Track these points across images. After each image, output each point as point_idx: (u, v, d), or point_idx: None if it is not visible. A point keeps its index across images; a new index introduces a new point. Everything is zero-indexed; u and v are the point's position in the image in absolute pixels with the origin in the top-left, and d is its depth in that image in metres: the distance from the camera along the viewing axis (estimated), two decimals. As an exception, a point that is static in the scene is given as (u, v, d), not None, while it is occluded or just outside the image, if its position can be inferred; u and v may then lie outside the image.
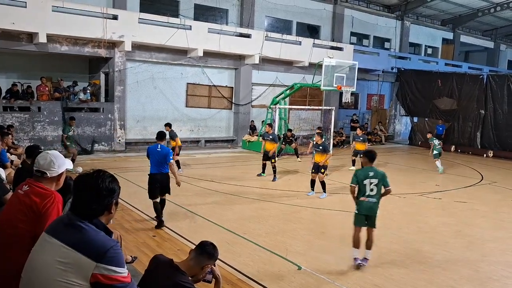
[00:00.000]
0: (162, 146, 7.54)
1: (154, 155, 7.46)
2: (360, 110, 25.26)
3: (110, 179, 2.23)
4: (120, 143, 16.44)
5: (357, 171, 6.30)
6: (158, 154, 7.41)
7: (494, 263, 6.52)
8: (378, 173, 6.07)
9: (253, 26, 19.75)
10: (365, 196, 6.05)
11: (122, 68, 16.15)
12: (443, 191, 11.67)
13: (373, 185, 6.03)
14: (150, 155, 7.53)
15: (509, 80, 19.72)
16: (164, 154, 7.40)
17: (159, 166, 7.41)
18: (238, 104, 19.47)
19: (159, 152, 7.43)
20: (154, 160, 7.44)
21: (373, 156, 6.21)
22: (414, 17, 27.82)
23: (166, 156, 7.36)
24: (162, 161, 7.38)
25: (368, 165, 6.15)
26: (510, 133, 19.47)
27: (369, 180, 6.00)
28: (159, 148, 7.48)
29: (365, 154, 6.32)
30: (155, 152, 7.46)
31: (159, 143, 7.56)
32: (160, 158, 7.38)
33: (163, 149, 7.47)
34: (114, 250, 2.04)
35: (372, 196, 6.04)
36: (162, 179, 7.46)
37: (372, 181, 6.00)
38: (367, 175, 6.03)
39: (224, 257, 5.81)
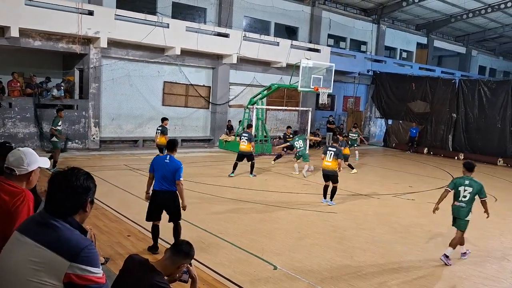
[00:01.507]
0: (172, 158, 6.15)
1: (160, 168, 6.13)
2: (336, 111, 25.53)
3: (85, 177, 2.18)
4: (95, 141, 16.14)
5: (455, 178, 6.93)
6: (166, 168, 6.07)
7: (465, 262, 6.69)
8: (475, 184, 6.67)
9: (232, 26, 19.70)
10: (457, 201, 6.74)
11: (97, 65, 15.85)
12: (416, 192, 11.91)
13: (467, 193, 6.65)
14: (155, 168, 6.20)
15: (480, 85, 20.29)
16: (174, 168, 6.02)
17: (165, 183, 6.09)
18: (216, 103, 19.39)
19: (167, 164, 6.09)
20: (159, 174, 6.11)
21: (471, 166, 6.85)
22: (390, 21, 28.31)
23: (176, 171, 6.00)
24: (169, 177, 6.05)
25: (466, 174, 6.79)
26: (480, 136, 20.04)
27: (464, 188, 6.66)
28: (167, 160, 6.13)
29: (464, 164, 6.97)
30: (162, 164, 6.13)
31: (169, 154, 6.21)
32: (167, 173, 6.04)
33: (172, 162, 6.08)
34: (89, 250, 1.99)
35: (463, 202, 6.66)
36: (168, 198, 6.13)
37: (467, 189, 6.64)
38: (463, 183, 6.69)
39: (200, 257, 5.77)
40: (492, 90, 19.82)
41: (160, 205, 6.20)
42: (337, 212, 9.18)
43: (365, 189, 11.89)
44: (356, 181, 13.05)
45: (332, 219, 8.69)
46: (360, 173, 14.48)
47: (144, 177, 11.56)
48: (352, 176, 13.90)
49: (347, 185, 12.26)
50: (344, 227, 8.14)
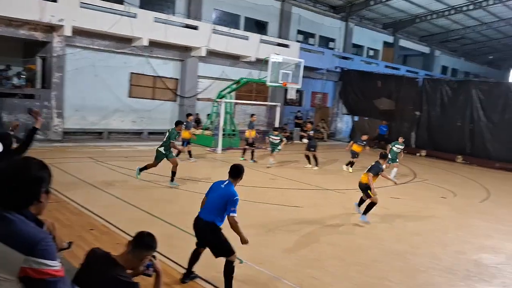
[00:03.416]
0: (229, 185, 5.09)
1: (213, 192, 5.17)
2: (304, 107, 25.78)
3: (37, 167, 2.09)
4: (57, 133, 15.66)
5: None
6: (218, 192, 5.07)
7: (421, 255, 6.93)
8: None
9: (201, 18, 19.50)
10: None
11: (60, 53, 15.35)
12: (379, 188, 12.15)
13: None
14: (210, 192, 5.25)
15: (442, 84, 20.98)
16: (226, 196, 4.95)
17: (210, 211, 5.03)
18: (183, 96, 19.19)
19: (220, 190, 5.08)
20: (210, 198, 5.15)
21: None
22: (358, 19, 28.75)
23: (227, 201, 4.90)
24: (216, 204, 5.00)
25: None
26: (441, 134, 20.72)
27: None
28: (223, 185, 5.13)
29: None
30: (216, 188, 5.17)
31: (230, 181, 5.17)
32: (216, 199, 5.03)
33: (227, 189, 5.05)
34: (46, 243, 1.92)
35: None
36: (207, 231, 5.03)
37: None
38: None
39: (165, 251, 5.72)
40: (454, 89, 20.52)
41: (201, 236, 5.18)
42: (303, 207, 9.30)
43: (331, 184, 12.08)
44: (322, 176, 13.25)
45: (298, 213, 8.79)
46: (327, 168, 14.71)
47: (109, 170, 11.39)
48: (318, 171, 14.10)
49: (313, 180, 12.44)
50: (310, 221, 8.26)
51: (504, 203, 11.73)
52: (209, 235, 5.04)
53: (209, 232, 5.02)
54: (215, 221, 4.97)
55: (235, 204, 4.90)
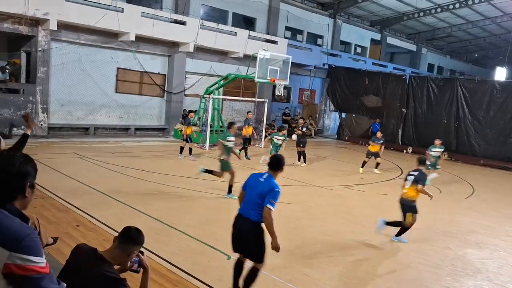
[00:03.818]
0: (269, 178, 4.63)
1: (252, 186, 4.68)
2: (292, 104, 25.82)
3: (22, 160, 2.04)
4: (42, 128, 15.43)
5: None
6: (257, 187, 4.59)
7: (409, 251, 6.99)
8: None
9: (189, 14, 19.35)
10: None
11: (46, 48, 15.11)
12: (366, 184, 12.28)
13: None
14: (247, 184, 4.80)
15: (429, 82, 21.19)
16: (266, 189, 4.49)
17: (248, 206, 4.60)
18: (171, 92, 19.06)
19: (260, 183, 4.61)
20: (248, 194, 4.67)
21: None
22: (346, 16, 28.85)
23: (268, 193, 4.45)
24: (255, 200, 4.53)
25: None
26: (428, 131, 20.91)
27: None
28: (262, 178, 4.66)
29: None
30: (255, 182, 4.69)
31: (269, 173, 4.73)
32: (255, 194, 4.54)
33: (267, 182, 4.57)
34: (31, 238, 1.88)
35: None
36: (247, 230, 4.60)
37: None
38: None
39: (152, 247, 5.67)
40: (440, 87, 20.75)
41: (239, 235, 4.68)
42: (291, 203, 9.30)
43: (319, 180, 12.12)
44: (310, 173, 13.29)
45: (287, 209, 8.79)
46: (314, 165, 14.76)
47: (96, 166, 11.26)
48: (306, 167, 14.14)
49: (301, 176, 12.47)
50: (298, 218, 8.27)
51: (488, 199, 11.90)
52: (249, 234, 4.57)
53: (249, 231, 4.57)
54: (256, 219, 4.52)
55: (275, 196, 4.44)
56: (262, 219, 4.45)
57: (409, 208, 7.30)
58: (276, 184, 4.55)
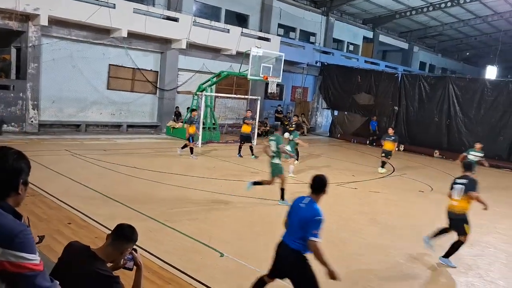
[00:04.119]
0: (311, 204, 4.18)
1: (293, 212, 4.30)
2: (285, 101, 25.82)
3: (15, 157, 2.01)
4: (33, 125, 15.28)
5: None
6: (298, 213, 4.20)
7: (402, 248, 7.02)
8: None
9: (181, 10, 19.24)
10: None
11: (36, 43, 14.94)
12: (358, 182, 12.32)
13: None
14: (290, 210, 4.39)
15: (420, 80, 21.29)
16: (307, 217, 4.07)
17: (291, 234, 4.22)
18: (163, 89, 18.96)
19: (301, 209, 4.19)
20: (290, 219, 4.31)
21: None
22: (339, 14, 28.89)
23: (308, 222, 4.03)
24: (296, 228, 4.15)
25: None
26: (419, 128, 21.05)
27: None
28: (303, 203, 4.23)
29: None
30: (297, 208, 4.27)
31: (311, 197, 4.26)
32: (296, 222, 4.17)
33: (308, 209, 4.14)
34: (24, 235, 1.85)
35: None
36: (289, 261, 4.20)
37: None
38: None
39: (145, 245, 5.64)
40: (431, 85, 20.86)
41: (280, 264, 4.29)
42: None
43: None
44: (302, 170, 13.30)
45: (280, 207, 8.79)
46: (306, 163, 14.78)
47: (87, 163, 11.18)
48: (298, 165, 14.15)
49: (294, 173, 12.48)
50: (290, 215, 8.27)
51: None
52: (293, 266, 4.14)
53: (293, 263, 4.13)
54: (300, 249, 4.08)
55: (317, 226, 3.98)
56: (305, 248, 4.07)
57: (462, 221, 6.54)
58: (318, 210, 4.09)
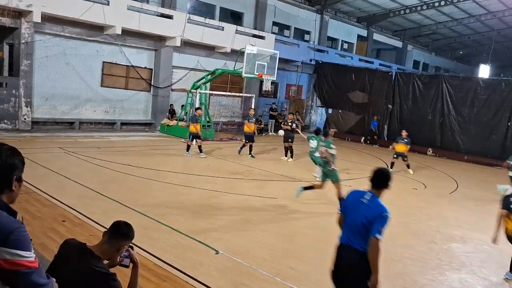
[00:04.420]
0: (375, 199, 3.82)
1: (353, 209, 3.89)
2: (279, 99, 25.81)
3: (9, 153, 1.99)
4: (26, 122, 15.17)
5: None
6: (360, 211, 3.79)
7: (396, 245, 7.06)
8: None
9: (175, 7, 19.17)
10: None
11: (29, 40, 14.83)
12: (353, 179, 12.35)
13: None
14: (347, 208, 4.00)
15: (414, 78, 21.40)
16: (372, 215, 3.70)
17: (352, 235, 3.83)
18: (158, 86, 18.90)
19: (363, 206, 3.80)
20: (350, 218, 3.89)
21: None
22: (333, 12, 28.91)
23: (374, 220, 3.67)
24: (360, 228, 3.76)
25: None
26: (413, 127, 21.09)
27: None
28: (365, 199, 3.84)
29: None
30: (356, 204, 3.88)
31: (372, 192, 3.88)
32: (359, 221, 3.76)
33: (373, 204, 3.77)
34: (19, 232, 1.84)
35: None
36: (351, 264, 3.84)
37: None
38: None
39: (140, 243, 5.62)
40: (425, 83, 20.98)
41: (343, 269, 3.90)
42: (279, 198, 9.33)
43: (307, 175, 12.16)
44: (298, 168, 13.33)
45: (274, 204, 8.82)
46: (301, 160, 14.80)
47: (81, 161, 11.12)
48: (293, 162, 14.18)
49: (289, 171, 12.51)
50: (286, 212, 8.30)
51: (472, 195, 12.09)
52: (357, 268, 3.76)
53: (357, 264, 3.76)
54: (363, 249, 3.73)
55: (384, 222, 3.65)
56: (369, 248, 3.68)
57: None
58: (384, 206, 3.74)
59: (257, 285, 5.08)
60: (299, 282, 5.26)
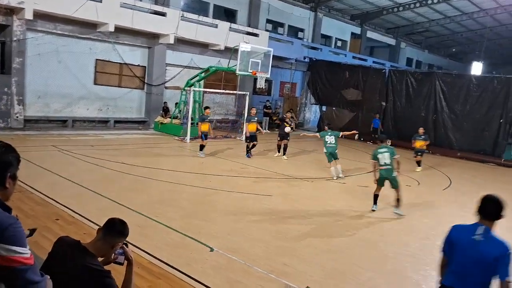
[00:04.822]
0: (490, 234, 3.23)
1: (464, 249, 3.29)
2: (273, 97, 25.83)
3: (3, 150, 1.98)
4: (18, 120, 15.05)
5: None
6: (475, 249, 3.21)
7: (390, 242, 7.10)
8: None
9: (169, 5, 19.09)
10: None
11: (21, 38, 14.70)
12: (347, 176, 12.39)
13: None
14: (455, 249, 3.37)
15: (407, 75, 21.48)
16: (492, 253, 3.13)
17: (464, 278, 3.26)
18: (151, 84, 18.82)
19: (477, 244, 3.21)
20: (460, 260, 3.31)
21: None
22: (327, 9, 28.93)
23: (500, 260, 3.09)
24: (478, 271, 3.20)
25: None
26: (406, 124, 21.20)
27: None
28: (479, 235, 3.24)
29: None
30: (467, 242, 3.28)
31: (485, 225, 3.27)
32: (476, 261, 3.19)
33: (492, 243, 3.19)
34: (14, 228, 1.82)
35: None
36: None
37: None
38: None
39: (135, 241, 5.60)
40: (418, 81, 21.06)
41: None
42: (273, 195, 9.34)
43: (300, 173, 12.19)
44: (292, 165, 13.34)
45: (269, 201, 8.83)
46: (295, 157, 14.83)
47: (75, 159, 11.06)
48: (287, 160, 14.19)
49: (283, 169, 12.52)
50: (280, 210, 8.31)
51: (465, 191, 12.16)
52: None
53: None
54: None
55: (509, 262, 3.08)
56: None
57: None
58: (504, 241, 3.17)
59: (252, 282, 5.08)
60: (294, 278, 5.27)
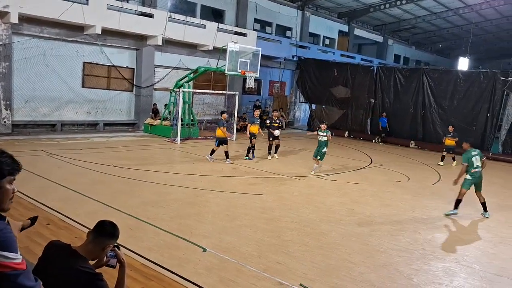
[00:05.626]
0: None
1: None
2: (263, 96, 25.87)
3: None
4: (6, 125, 14.91)
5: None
6: None
7: (381, 237, 7.17)
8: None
9: (156, 6, 19.02)
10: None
11: (7, 42, 14.55)
12: (337, 173, 12.48)
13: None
14: None
15: (395, 72, 21.66)
16: None
17: None
18: (140, 86, 18.75)
19: None
20: None
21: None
22: (314, 8, 29.02)
23: None
24: None
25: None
26: (395, 120, 21.41)
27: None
28: None
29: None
30: None
31: None
32: None
33: None
34: (4, 234, 1.83)
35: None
36: None
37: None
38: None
39: (126, 243, 5.61)
40: (406, 77, 21.25)
41: None
42: (264, 194, 9.38)
43: (291, 170, 12.24)
44: (282, 164, 13.38)
45: (260, 200, 8.85)
46: (286, 156, 14.88)
47: (64, 163, 10.98)
48: (278, 159, 14.23)
49: (274, 167, 12.56)
50: (272, 208, 8.34)
51: (454, 186, 12.27)
52: None
53: None
54: None
55: None
56: None
57: None
58: None
59: (245, 281, 5.11)
60: (287, 276, 5.31)
